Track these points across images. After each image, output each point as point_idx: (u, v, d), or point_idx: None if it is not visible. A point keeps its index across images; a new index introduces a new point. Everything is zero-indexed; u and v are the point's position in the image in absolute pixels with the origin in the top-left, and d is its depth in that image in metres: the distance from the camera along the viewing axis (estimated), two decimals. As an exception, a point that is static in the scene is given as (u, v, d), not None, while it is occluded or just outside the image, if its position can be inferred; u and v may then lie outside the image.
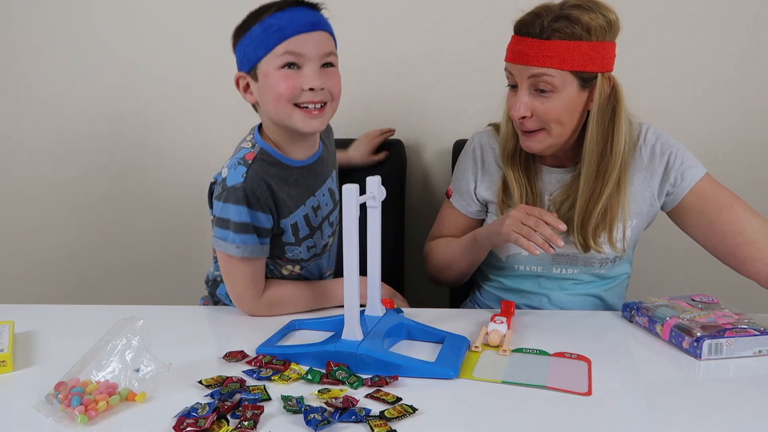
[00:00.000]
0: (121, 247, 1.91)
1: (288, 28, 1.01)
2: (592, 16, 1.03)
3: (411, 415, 0.76)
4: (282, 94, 1.02)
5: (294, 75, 1.02)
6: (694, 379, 0.90)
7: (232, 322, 1.13)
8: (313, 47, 1.02)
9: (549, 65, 1.04)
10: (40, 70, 1.81)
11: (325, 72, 1.05)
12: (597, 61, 1.05)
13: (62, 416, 0.76)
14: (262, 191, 1.06)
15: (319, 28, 1.04)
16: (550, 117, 1.08)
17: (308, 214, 1.13)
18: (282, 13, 1.02)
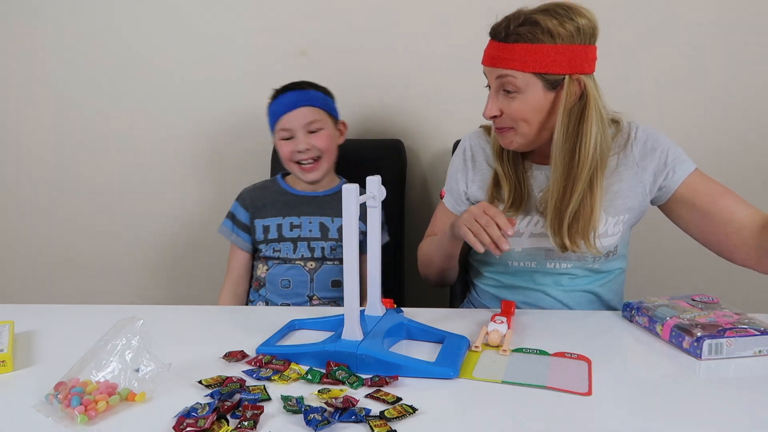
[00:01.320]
0: (122, 247, 1.91)
1: (278, 111, 1.42)
2: (558, 21, 1.07)
3: (411, 415, 0.76)
4: (284, 156, 1.43)
5: (289, 143, 1.41)
6: (694, 379, 0.90)
7: (232, 322, 1.13)
8: (296, 121, 1.40)
9: (510, 67, 1.09)
10: (41, 69, 1.81)
11: (312, 136, 1.41)
12: (562, 63, 1.08)
13: (62, 416, 0.76)
14: (251, 194, 1.48)
15: (300, 105, 1.40)
16: (517, 116, 1.13)
17: (282, 224, 1.43)
18: (276, 100, 1.44)
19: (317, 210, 1.44)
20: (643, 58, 1.67)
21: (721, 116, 1.70)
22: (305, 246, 1.42)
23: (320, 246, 1.42)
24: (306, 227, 1.43)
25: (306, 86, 1.45)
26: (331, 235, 1.43)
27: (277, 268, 1.43)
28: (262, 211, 1.45)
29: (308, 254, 1.42)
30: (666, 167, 1.18)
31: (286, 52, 1.75)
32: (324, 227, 1.43)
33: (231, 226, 1.48)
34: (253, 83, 1.78)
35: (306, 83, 1.46)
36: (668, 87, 1.69)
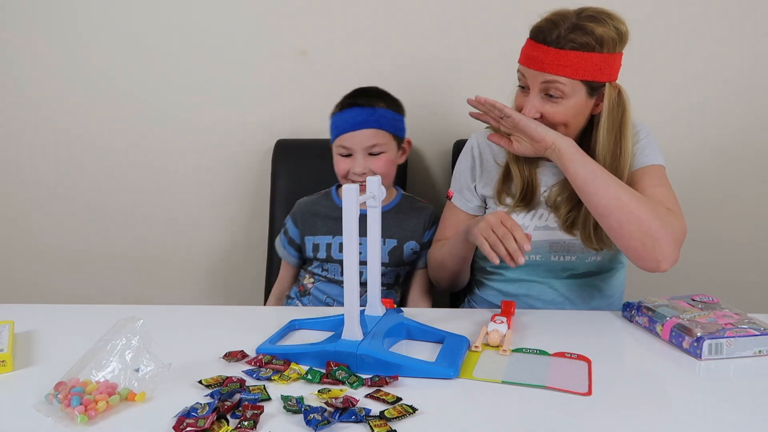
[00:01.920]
0: (122, 247, 1.91)
1: (340, 127, 1.35)
2: (605, 28, 1.09)
3: (411, 415, 0.76)
4: (339, 172, 1.37)
5: (346, 161, 1.35)
6: (694, 379, 0.90)
7: (232, 322, 1.13)
8: (358, 142, 1.32)
9: (562, 74, 1.10)
10: (41, 69, 1.81)
11: (371, 159, 1.34)
12: (606, 71, 1.11)
13: (62, 416, 0.76)
14: (303, 208, 1.44)
15: (365, 126, 1.33)
16: (558, 120, 1.14)
17: (332, 243, 1.37)
18: (341, 113, 1.36)
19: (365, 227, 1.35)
20: (652, 61, 1.67)
21: (720, 116, 1.70)
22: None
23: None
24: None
25: (376, 101, 1.36)
26: (382, 259, 1.35)
27: (322, 285, 1.39)
28: (312, 227, 1.40)
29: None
30: (637, 151, 1.20)
31: (286, 52, 1.75)
32: None
33: (283, 241, 1.46)
34: (253, 83, 1.78)
35: (376, 95, 1.38)
36: (668, 86, 1.69)
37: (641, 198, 1.09)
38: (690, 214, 1.72)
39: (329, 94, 1.77)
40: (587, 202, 1.11)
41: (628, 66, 1.67)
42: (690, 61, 1.67)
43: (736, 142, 1.70)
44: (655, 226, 1.06)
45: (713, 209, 1.74)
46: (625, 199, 1.07)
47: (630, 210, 1.06)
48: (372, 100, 1.35)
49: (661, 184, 1.17)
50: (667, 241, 1.07)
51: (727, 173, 1.72)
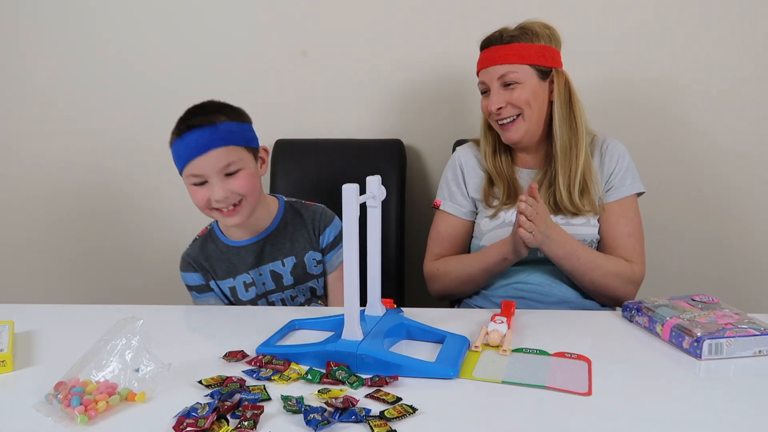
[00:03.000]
0: (122, 247, 1.91)
1: (184, 156, 1.18)
2: (539, 27, 1.32)
3: (411, 415, 0.76)
4: (199, 204, 1.21)
5: (203, 189, 1.19)
6: (694, 379, 0.90)
7: (232, 322, 1.13)
8: (209, 166, 1.17)
9: (511, 61, 1.30)
10: (41, 68, 1.81)
11: (229, 179, 1.19)
12: (549, 58, 1.31)
13: (62, 416, 0.76)
14: (192, 257, 1.30)
15: (212, 146, 1.17)
16: (521, 101, 1.30)
17: (234, 287, 1.30)
18: (180, 140, 1.19)
19: (265, 256, 1.29)
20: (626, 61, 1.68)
21: (721, 116, 1.70)
22: (264, 303, 1.32)
23: (279, 297, 1.32)
24: (258, 281, 1.30)
25: (215, 116, 1.20)
26: (286, 282, 1.30)
27: None
28: (210, 273, 1.30)
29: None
30: (617, 181, 1.33)
31: (286, 52, 1.75)
32: (276, 276, 1.30)
33: (197, 295, 1.32)
34: (253, 83, 1.78)
35: (214, 107, 1.23)
36: (668, 85, 1.70)
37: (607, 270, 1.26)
38: (690, 214, 1.75)
39: (329, 94, 1.78)
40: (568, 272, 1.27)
41: (628, 66, 1.68)
42: (690, 60, 1.67)
43: (736, 143, 1.70)
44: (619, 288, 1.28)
45: (713, 209, 1.74)
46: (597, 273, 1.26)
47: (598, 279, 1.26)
48: (210, 116, 1.19)
49: (632, 221, 1.33)
50: (625, 292, 1.28)
51: (727, 173, 1.72)
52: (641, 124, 1.71)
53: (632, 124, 1.71)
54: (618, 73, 1.69)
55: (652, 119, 1.71)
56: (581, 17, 1.66)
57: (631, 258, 1.29)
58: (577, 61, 1.39)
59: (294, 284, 1.31)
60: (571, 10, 1.65)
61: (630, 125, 1.70)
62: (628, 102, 1.71)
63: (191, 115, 1.22)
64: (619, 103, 1.71)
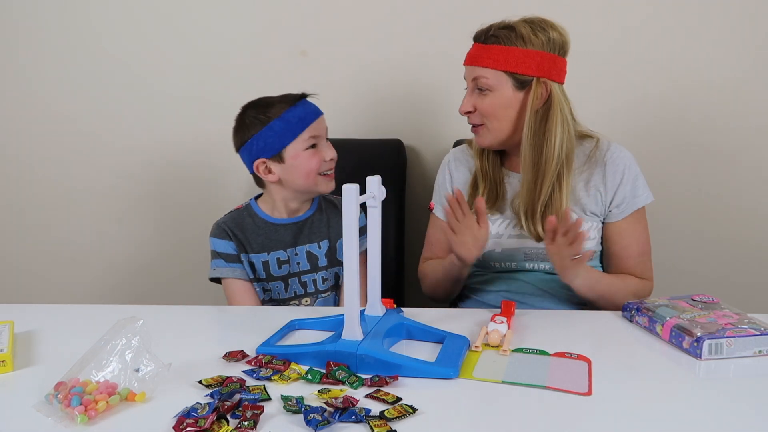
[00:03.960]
0: (122, 247, 1.91)
1: (307, 118, 1.28)
2: (532, 29, 1.19)
3: (411, 415, 0.76)
4: (312, 168, 1.28)
5: (316, 153, 1.29)
6: (694, 379, 0.90)
7: (232, 322, 1.13)
8: (323, 129, 1.31)
9: (484, 65, 1.21)
10: (43, 68, 1.81)
11: (330, 144, 1.32)
12: (531, 66, 1.18)
13: (62, 416, 0.76)
14: (229, 225, 1.33)
15: (321, 113, 1.31)
16: (488, 112, 1.23)
17: (268, 261, 1.32)
18: (296, 107, 1.28)
19: (303, 237, 1.34)
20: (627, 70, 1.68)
21: (721, 117, 1.70)
22: (296, 282, 1.34)
23: (311, 279, 1.34)
24: (294, 260, 1.33)
25: (306, 96, 1.34)
26: (320, 263, 1.34)
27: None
28: (243, 245, 1.33)
29: (301, 290, 1.34)
30: (624, 197, 1.26)
31: (286, 52, 1.75)
32: (312, 257, 1.34)
33: (224, 263, 1.32)
34: (253, 83, 1.77)
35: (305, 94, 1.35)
36: (669, 87, 1.70)
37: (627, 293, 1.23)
38: (690, 214, 1.74)
39: (329, 94, 1.78)
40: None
41: (630, 67, 1.68)
42: (691, 61, 1.67)
43: (736, 143, 1.70)
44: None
45: (714, 209, 1.74)
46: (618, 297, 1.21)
47: (619, 301, 1.19)
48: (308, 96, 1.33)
49: (641, 237, 1.28)
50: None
51: (728, 173, 1.72)
52: (641, 123, 1.71)
53: (632, 123, 1.70)
54: (617, 71, 1.69)
55: (652, 119, 1.71)
56: (581, 16, 1.66)
57: (643, 276, 1.27)
58: (577, 60, 1.37)
59: (327, 266, 1.35)
60: (571, 9, 1.65)
61: (629, 125, 1.70)
62: (628, 101, 1.71)
63: (282, 96, 1.31)
64: (618, 102, 1.71)
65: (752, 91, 1.68)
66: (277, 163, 1.29)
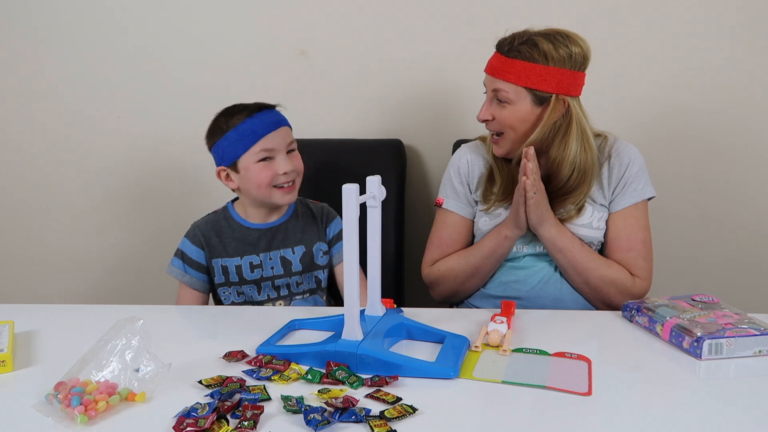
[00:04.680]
0: (121, 247, 1.91)
1: (259, 131, 1.27)
2: (554, 45, 1.19)
3: (411, 415, 0.76)
4: (263, 182, 1.28)
5: (269, 165, 1.28)
6: (694, 379, 0.90)
7: (232, 322, 1.13)
8: (280, 141, 1.29)
9: (506, 79, 1.22)
10: (42, 69, 1.81)
11: (290, 156, 1.31)
12: (551, 83, 1.20)
13: (62, 416, 0.76)
14: (204, 231, 1.35)
15: (282, 125, 1.31)
16: (505, 123, 1.25)
17: (241, 266, 1.33)
18: (251, 118, 1.28)
19: (277, 242, 1.35)
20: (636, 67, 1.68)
21: (721, 117, 1.70)
22: (269, 286, 1.34)
23: (285, 283, 1.35)
24: (267, 264, 1.34)
25: (273, 105, 1.34)
26: (294, 268, 1.34)
27: None
28: (217, 249, 1.34)
29: (274, 294, 1.35)
30: (625, 187, 1.28)
31: (286, 52, 1.75)
32: (286, 262, 1.34)
33: (182, 265, 1.35)
34: (253, 83, 1.78)
35: (268, 103, 1.35)
36: (669, 86, 1.70)
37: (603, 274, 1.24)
38: (691, 214, 1.74)
39: (329, 94, 1.78)
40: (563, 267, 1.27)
41: (632, 66, 1.68)
42: (691, 61, 1.67)
43: (736, 143, 1.70)
44: (614, 297, 1.24)
45: (714, 209, 1.74)
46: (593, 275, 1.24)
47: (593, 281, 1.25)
48: (269, 106, 1.33)
49: (634, 234, 1.27)
50: (621, 302, 1.20)
51: (728, 174, 1.73)
52: (641, 122, 1.71)
53: (632, 122, 1.71)
54: (618, 71, 1.69)
55: (652, 117, 1.71)
56: (587, 14, 1.66)
57: (633, 272, 1.26)
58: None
59: (301, 272, 1.35)
60: (577, 8, 1.65)
61: (630, 124, 1.70)
62: (628, 101, 1.71)
63: (252, 104, 1.31)
64: (620, 100, 1.71)
65: (755, 90, 1.67)
66: (235, 172, 1.32)
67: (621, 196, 1.28)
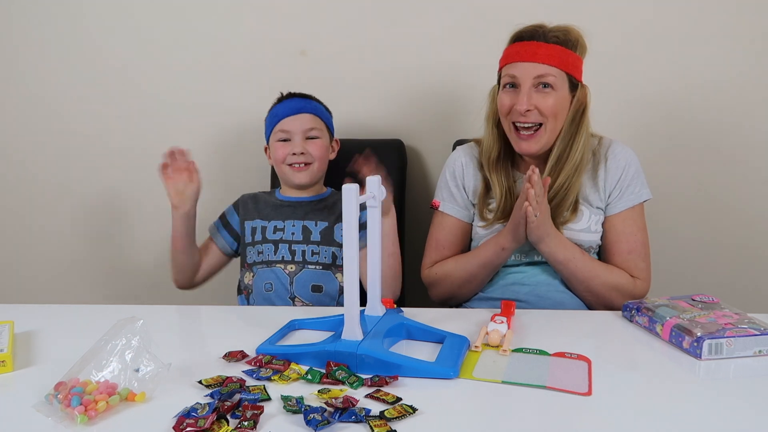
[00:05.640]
0: (122, 247, 1.91)
1: (281, 114, 1.45)
2: (577, 35, 1.24)
3: (411, 415, 0.76)
4: (278, 159, 1.45)
5: (285, 145, 1.44)
6: (694, 379, 0.90)
7: (232, 322, 1.13)
8: (297, 125, 1.43)
9: (554, 63, 1.21)
10: (42, 69, 1.81)
11: (308, 142, 1.44)
12: (579, 70, 1.25)
13: (62, 416, 0.76)
14: (245, 199, 1.52)
15: (303, 111, 1.45)
16: (549, 111, 1.22)
17: (267, 227, 1.45)
18: (280, 104, 1.48)
19: (303, 214, 1.45)
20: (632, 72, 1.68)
21: (721, 117, 1.70)
22: (286, 248, 1.41)
23: (301, 249, 1.41)
24: (289, 230, 1.43)
25: (311, 97, 1.49)
26: (313, 238, 1.42)
27: (260, 272, 1.42)
28: (250, 213, 1.48)
29: (289, 257, 1.41)
30: (622, 191, 1.28)
31: (286, 52, 1.75)
32: (306, 230, 1.43)
33: (219, 226, 1.52)
34: (253, 83, 1.78)
35: (305, 94, 1.50)
36: (669, 86, 1.70)
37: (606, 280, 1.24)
38: (691, 214, 1.74)
39: (329, 94, 1.78)
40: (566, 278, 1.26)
41: (631, 67, 1.68)
42: (691, 61, 1.67)
43: (736, 143, 1.70)
44: (617, 301, 1.23)
45: (714, 209, 1.74)
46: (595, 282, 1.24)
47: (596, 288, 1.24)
48: (306, 95, 1.49)
49: (633, 236, 1.28)
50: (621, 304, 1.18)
51: (728, 173, 1.73)
52: (640, 122, 1.71)
53: (631, 122, 1.71)
54: (615, 71, 1.69)
55: (651, 117, 1.71)
56: (585, 16, 1.66)
57: (634, 274, 1.26)
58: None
59: (319, 242, 1.42)
60: (576, 8, 1.65)
61: (629, 124, 1.70)
62: (628, 101, 1.71)
63: (291, 93, 1.49)
64: (618, 101, 1.71)
65: (753, 92, 1.67)
66: (269, 149, 1.50)
67: (619, 199, 1.28)
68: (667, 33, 1.66)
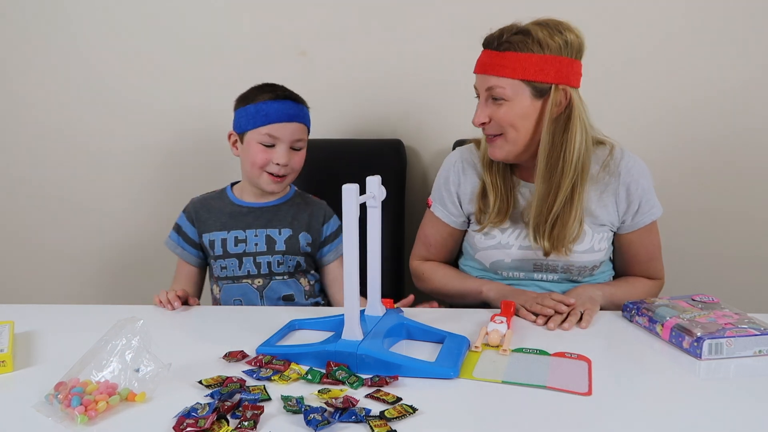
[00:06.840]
0: (122, 246, 1.91)
1: (272, 116, 1.32)
2: (548, 32, 1.12)
3: (411, 415, 0.76)
4: (257, 162, 1.33)
5: (268, 151, 1.33)
6: (694, 379, 0.90)
7: (232, 322, 1.13)
8: (287, 134, 1.32)
9: (500, 74, 1.14)
10: (38, 69, 1.81)
11: (292, 153, 1.35)
12: (549, 73, 1.12)
13: (62, 416, 0.76)
14: (197, 207, 1.42)
15: (295, 120, 1.34)
16: (505, 122, 1.17)
17: (226, 239, 1.37)
18: (273, 102, 1.33)
19: (264, 222, 1.37)
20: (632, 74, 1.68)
21: (722, 117, 1.70)
22: (251, 262, 1.35)
23: (266, 260, 1.35)
24: (251, 240, 1.36)
25: (300, 100, 1.38)
26: (277, 248, 1.35)
27: (227, 288, 1.37)
28: (206, 224, 1.39)
29: (254, 270, 1.36)
30: (637, 210, 1.25)
31: (286, 52, 1.75)
32: (270, 240, 1.36)
33: (177, 239, 1.42)
34: (253, 83, 1.77)
35: (298, 96, 1.39)
36: (670, 86, 1.70)
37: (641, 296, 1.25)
38: (691, 214, 1.74)
39: (329, 94, 1.78)
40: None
41: (631, 67, 1.68)
42: (692, 61, 1.67)
43: (737, 143, 1.70)
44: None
45: (714, 209, 1.74)
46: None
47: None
48: (297, 98, 1.37)
49: (651, 245, 1.29)
50: None
51: (728, 173, 1.72)
52: (641, 123, 1.71)
53: (631, 122, 1.70)
54: (615, 74, 1.69)
55: (652, 118, 1.71)
56: (584, 18, 1.65)
57: (653, 277, 1.32)
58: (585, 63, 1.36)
59: (284, 252, 1.37)
60: (585, 13, 1.65)
61: (629, 124, 1.70)
62: (628, 101, 1.71)
63: (283, 89, 1.36)
64: (618, 102, 1.71)
65: (757, 91, 1.67)
66: (240, 142, 1.37)
67: (638, 215, 1.25)
68: (669, 32, 1.66)
